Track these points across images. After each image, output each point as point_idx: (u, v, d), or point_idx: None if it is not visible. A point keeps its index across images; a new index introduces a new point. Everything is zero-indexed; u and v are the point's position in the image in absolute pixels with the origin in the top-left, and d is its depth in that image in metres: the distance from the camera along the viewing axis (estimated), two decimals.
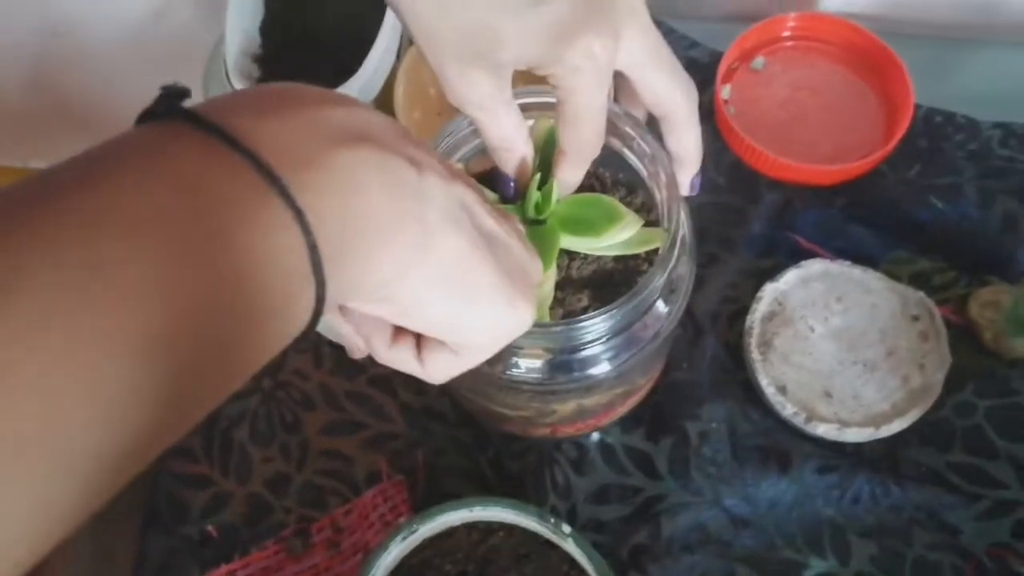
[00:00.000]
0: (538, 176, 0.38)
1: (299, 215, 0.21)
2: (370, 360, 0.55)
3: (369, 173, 0.23)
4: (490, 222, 0.28)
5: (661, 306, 0.40)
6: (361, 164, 0.23)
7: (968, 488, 0.49)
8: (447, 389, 0.53)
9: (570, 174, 0.38)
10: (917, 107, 0.59)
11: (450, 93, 0.34)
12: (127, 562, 0.51)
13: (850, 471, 0.49)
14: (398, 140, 0.25)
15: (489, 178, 0.39)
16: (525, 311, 0.29)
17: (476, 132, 0.38)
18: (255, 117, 0.22)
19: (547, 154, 0.38)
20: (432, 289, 0.26)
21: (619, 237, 0.38)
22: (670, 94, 0.37)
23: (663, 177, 0.38)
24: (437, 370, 0.30)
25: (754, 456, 0.51)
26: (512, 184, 0.39)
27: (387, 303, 0.26)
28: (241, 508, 0.52)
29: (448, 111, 0.45)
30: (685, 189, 0.40)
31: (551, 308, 0.40)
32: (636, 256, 0.42)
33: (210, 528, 0.51)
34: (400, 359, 0.30)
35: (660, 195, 0.39)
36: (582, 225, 0.38)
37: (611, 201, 0.39)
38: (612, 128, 0.40)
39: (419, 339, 0.30)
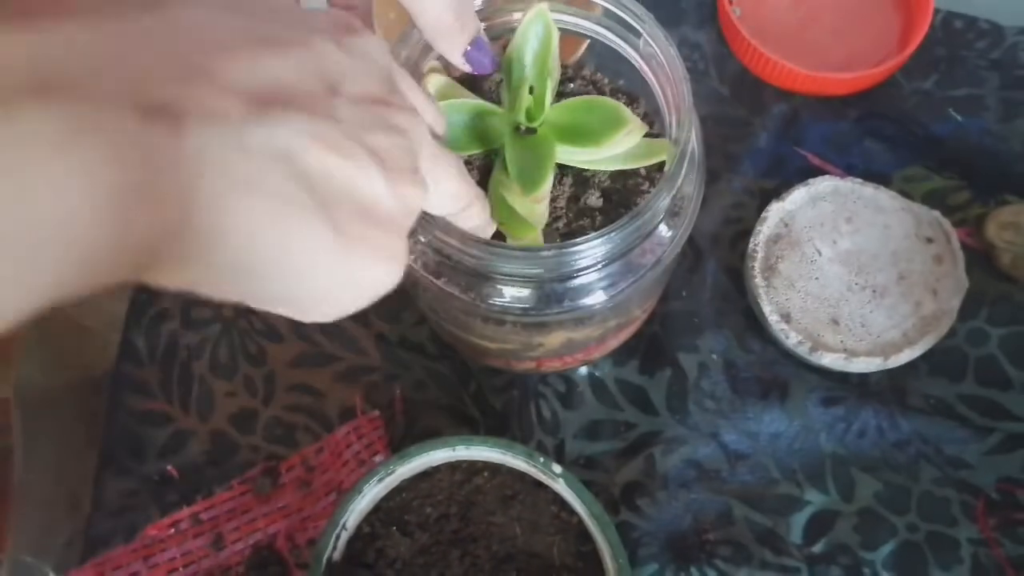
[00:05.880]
0: (528, 80, 0.33)
1: None
2: None
3: (50, 150, 0.15)
4: (332, 159, 0.20)
5: (664, 230, 0.36)
6: (31, 136, 0.14)
7: (979, 421, 0.47)
8: (426, 319, 0.49)
9: (454, 59, 0.31)
10: (936, 11, 0.54)
11: None
12: (84, 506, 0.47)
13: (856, 404, 0.47)
14: (145, 70, 0.16)
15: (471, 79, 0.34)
16: (377, 270, 0.22)
17: None
18: None
19: (541, 54, 0.33)
20: (223, 278, 0.19)
21: (622, 146, 0.33)
22: None
23: (671, 83, 0.33)
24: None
25: (755, 389, 0.47)
26: (485, 58, 0.31)
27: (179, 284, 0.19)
28: (204, 446, 0.48)
29: None
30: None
31: (546, 228, 0.36)
32: (635, 174, 0.37)
33: (171, 468, 0.47)
34: None
35: (667, 103, 0.34)
36: (580, 133, 0.33)
37: (614, 104, 0.34)
38: (612, 23, 0.35)
39: None
